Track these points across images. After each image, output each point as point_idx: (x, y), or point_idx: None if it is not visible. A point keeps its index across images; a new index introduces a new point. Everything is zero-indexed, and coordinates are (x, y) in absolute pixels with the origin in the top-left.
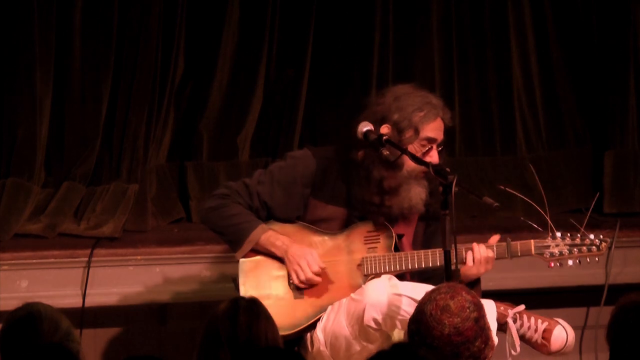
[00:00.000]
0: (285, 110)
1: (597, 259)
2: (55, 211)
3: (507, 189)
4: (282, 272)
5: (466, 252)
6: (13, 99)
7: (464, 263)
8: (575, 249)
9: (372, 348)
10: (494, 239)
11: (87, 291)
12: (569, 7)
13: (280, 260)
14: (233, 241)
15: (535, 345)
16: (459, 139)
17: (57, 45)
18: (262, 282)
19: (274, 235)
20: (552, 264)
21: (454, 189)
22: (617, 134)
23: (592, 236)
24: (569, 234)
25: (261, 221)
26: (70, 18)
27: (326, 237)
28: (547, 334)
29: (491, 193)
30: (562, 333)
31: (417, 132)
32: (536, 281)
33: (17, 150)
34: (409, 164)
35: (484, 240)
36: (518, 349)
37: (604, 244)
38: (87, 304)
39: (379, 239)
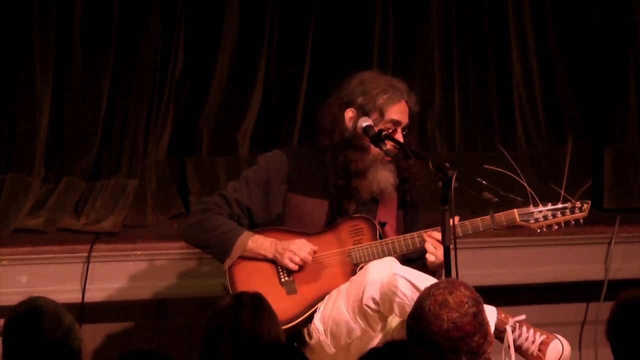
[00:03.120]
0: (285, 106)
1: (581, 221)
2: (55, 206)
3: (492, 167)
4: (272, 272)
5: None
6: (13, 95)
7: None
8: (558, 212)
9: (373, 334)
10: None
11: (86, 286)
12: (569, 6)
13: (269, 261)
14: (220, 252)
15: (531, 357)
16: (459, 135)
17: (57, 42)
18: (252, 285)
19: (261, 238)
20: (539, 230)
21: (453, 184)
22: (617, 134)
23: (573, 199)
24: (550, 201)
25: (245, 229)
26: (70, 15)
27: (312, 237)
28: (543, 346)
29: (491, 189)
30: (558, 346)
31: (382, 114)
32: (536, 277)
33: (17, 145)
34: (374, 147)
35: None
36: (513, 358)
37: (585, 205)
38: (86, 299)
39: (363, 230)
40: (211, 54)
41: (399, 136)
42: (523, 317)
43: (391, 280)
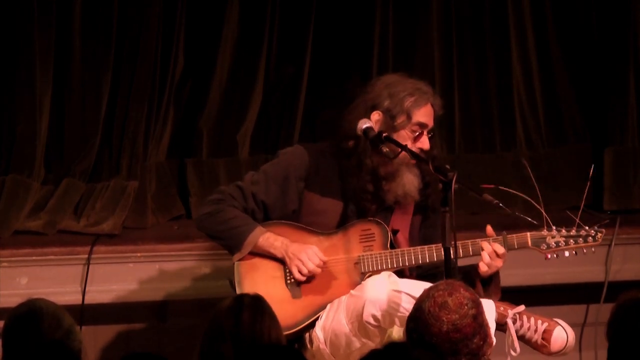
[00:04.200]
0: (285, 107)
1: (593, 249)
2: (55, 208)
3: (501, 187)
4: (279, 273)
5: (481, 250)
6: (13, 96)
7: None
8: (571, 240)
9: (372, 345)
10: (490, 230)
11: (86, 288)
12: (569, 6)
13: (277, 261)
14: (231, 245)
15: (535, 346)
16: (459, 135)
17: (57, 42)
18: (259, 283)
19: (272, 236)
20: (549, 256)
21: (453, 186)
22: (617, 134)
23: (587, 227)
24: (564, 226)
25: (258, 223)
26: (70, 15)
27: (322, 237)
28: (547, 334)
29: (491, 190)
30: (562, 333)
31: (409, 117)
32: (536, 278)
33: (17, 147)
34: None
35: (483, 236)
36: (518, 349)
37: (599, 234)
38: (86, 301)
39: (374, 236)
40: (211, 54)
41: (425, 139)
42: (522, 307)
43: (391, 297)
